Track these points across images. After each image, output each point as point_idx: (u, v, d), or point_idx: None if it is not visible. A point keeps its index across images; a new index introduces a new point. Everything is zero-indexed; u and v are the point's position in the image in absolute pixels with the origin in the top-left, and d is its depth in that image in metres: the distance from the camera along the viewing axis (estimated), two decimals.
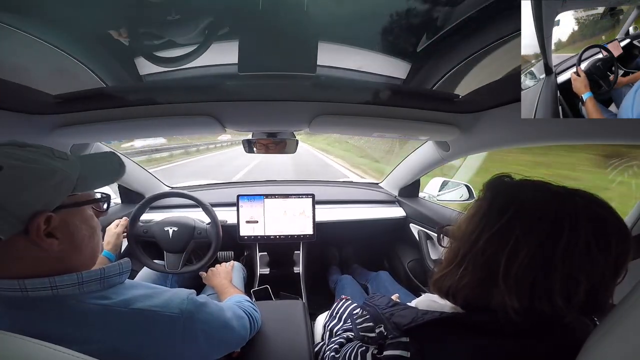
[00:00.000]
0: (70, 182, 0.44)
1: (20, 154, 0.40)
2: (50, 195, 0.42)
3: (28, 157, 0.41)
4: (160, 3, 0.54)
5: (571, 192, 0.39)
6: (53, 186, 0.42)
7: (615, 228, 0.36)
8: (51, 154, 0.44)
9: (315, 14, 0.56)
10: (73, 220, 0.46)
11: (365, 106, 0.82)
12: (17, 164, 0.39)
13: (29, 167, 0.40)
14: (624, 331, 0.33)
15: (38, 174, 0.41)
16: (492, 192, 0.43)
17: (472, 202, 0.44)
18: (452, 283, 0.43)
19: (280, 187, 1.80)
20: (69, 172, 0.45)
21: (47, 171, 0.42)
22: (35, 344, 0.34)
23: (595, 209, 0.36)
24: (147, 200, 1.16)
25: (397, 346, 0.43)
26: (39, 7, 0.55)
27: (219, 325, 0.56)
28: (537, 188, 0.40)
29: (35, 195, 0.40)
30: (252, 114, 0.86)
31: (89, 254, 0.49)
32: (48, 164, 0.42)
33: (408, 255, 1.58)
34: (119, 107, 0.79)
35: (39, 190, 0.41)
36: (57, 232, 0.43)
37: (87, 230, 0.48)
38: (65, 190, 0.44)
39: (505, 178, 0.44)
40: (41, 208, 0.41)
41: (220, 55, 0.68)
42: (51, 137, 0.83)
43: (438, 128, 0.90)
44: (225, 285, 0.97)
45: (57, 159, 0.44)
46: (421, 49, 0.65)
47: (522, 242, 0.36)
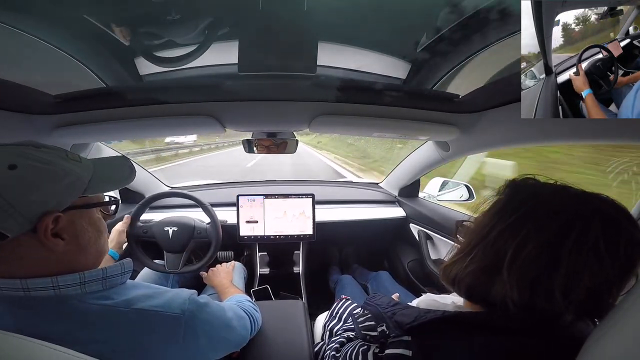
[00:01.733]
0: (81, 184, 0.45)
1: (35, 154, 0.41)
2: (61, 196, 0.43)
3: (42, 158, 0.42)
4: (160, 3, 0.54)
5: (589, 195, 0.39)
6: (64, 187, 0.43)
7: (627, 232, 0.36)
8: (65, 155, 0.45)
9: (315, 14, 0.56)
10: (80, 222, 0.47)
11: (365, 106, 0.82)
12: (31, 164, 0.40)
13: (42, 167, 0.41)
14: (624, 331, 0.33)
15: (51, 175, 0.41)
16: (512, 190, 0.43)
17: (491, 198, 0.45)
18: (458, 271, 0.43)
19: (280, 187, 1.80)
20: (81, 174, 0.46)
21: (60, 172, 0.42)
22: (36, 344, 0.34)
23: (610, 211, 0.36)
24: (147, 200, 1.16)
25: (398, 345, 0.43)
26: (39, 7, 0.55)
27: (220, 326, 0.56)
28: (556, 189, 0.41)
29: (46, 196, 0.41)
30: (252, 114, 0.86)
31: (94, 256, 0.49)
32: (61, 165, 0.43)
33: (408, 255, 1.58)
34: (119, 107, 0.79)
35: (50, 191, 0.41)
36: (64, 233, 0.43)
37: (93, 233, 0.49)
38: (76, 192, 0.45)
39: (529, 180, 0.44)
40: (51, 208, 0.41)
41: (220, 55, 0.68)
42: (51, 137, 0.83)
43: (438, 128, 0.90)
44: (226, 285, 0.97)
45: (70, 161, 0.45)
46: (421, 49, 0.65)
47: (532, 236, 0.37)
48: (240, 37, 0.63)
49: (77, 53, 0.67)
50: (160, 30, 0.61)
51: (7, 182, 0.38)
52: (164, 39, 0.63)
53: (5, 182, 0.38)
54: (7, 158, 0.39)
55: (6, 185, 0.38)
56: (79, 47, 0.66)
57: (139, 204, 1.15)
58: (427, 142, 1.28)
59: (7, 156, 0.40)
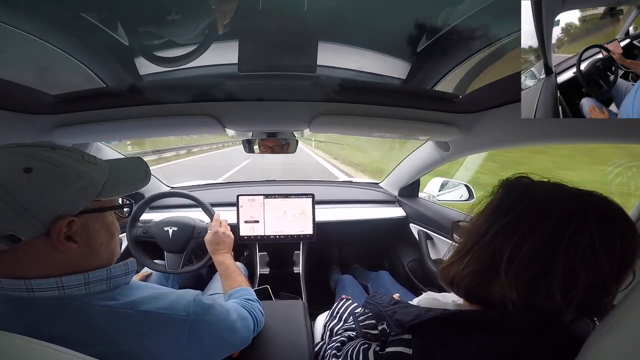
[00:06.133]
0: (95, 187, 0.44)
1: (50, 156, 0.40)
2: (75, 200, 0.42)
3: (57, 160, 0.41)
4: (161, 3, 0.54)
5: (583, 192, 0.39)
6: (78, 190, 0.42)
7: (623, 229, 0.36)
8: (80, 157, 0.44)
9: (315, 14, 0.56)
10: (94, 225, 0.46)
11: (365, 106, 0.81)
12: (46, 167, 0.39)
13: (56, 170, 0.40)
14: (624, 331, 0.33)
15: (65, 178, 0.41)
16: (506, 189, 0.43)
17: (487, 199, 0.45)
18: (456, 272, 0.43)
19: (280, 187, 1.79)
20: (96, 177, 0.45)
21: (74, 175, 0.42)
22: (40, 345, 0.34)
23: (604, 208, 0.36)
24: (147, 200, 1.16)
25: (399, 343, 0.43)
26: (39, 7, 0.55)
27: (223, 328, 0.56)
28: (550, 187, 0.41)
29: (60, 199, 0.40)
30: (252, 114, 0.86)
31: (105, 258, 0.49)
32: (76, 168, 0.42)
33: (408, 255, 1.58)
34: (119, 107, 0.79)
35: (64, 194, 0.41)
36: (77, 236, 0.43)
37: (106, 236, 0.48)
38: (90, 196, 0.44)
39: (523, 178, 0.44)
40: (65, 212, 0.41)
41: (221, 55, 0.68)
42: (51, 137, 0.83)
43: (438, 128, 0.90)
44: (231, 267, 0.90)
45: (85, 163, 0.44)
46: (421, 49, 0.65)
47: (527, 237, 0.37)
48: (240, 37, 0.63)
49: (77, 53, 0.67)
50: (160, 30, 0.61)
51: (23, 186, 0.37)
52: (164, 39, 0.63)
53: (20, 185, 0.37)
54: (23, 160, 0.39)
55: (22, 188, 0.37)
56: (79, 47, 0.66)
57: (139, 204, 1.14)
58: (427, 142, 1.28)
59: (23, 159, 0.39)
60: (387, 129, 0.90)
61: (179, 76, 0.76)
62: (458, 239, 0.47)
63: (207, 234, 1.00)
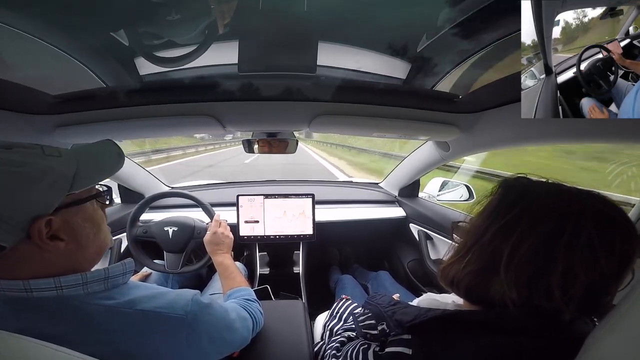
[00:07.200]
0: (65, 180, 0.42)
1: (6, 157, 0.38)
2: (46, 197, 0.40)
3: (18, 161, 0.38)
4: (161, 3, 0.54)
5: (581, 192, 0.39)
6: (46, 187, 0.40)
7: (622, 228, 0.36)
8: (41, 152, 0.41)
9: (315, 14, 0.56)
10: (76, 220, 0.45)
11: (365, 106, 0.82)
12: (5, 170, 0.37)
13: (17, 171, 0.38)
14: (624, 330, 0.33)
15: (30, 177, 0.38)
16: (504, 189, 0.44)
17: (486, 199, 0.45)
18: (456, 272, 0.44)
19: (280, 187, 1.80)
20: (63, 170, 0.42)
21: (38, 173, 0.39)
22: (39, 344, 0.34)
23: (603, 207, 0.37)
24: (147, 200, 1.16)
25: (399, 343, 0.43)
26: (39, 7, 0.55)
27: (222, 327, 0.56)
28: (548, 187, 0.41)
29: (29, 200, 0.39)
30: (252, 114, 0.86)
31: (95, 251, 0.49)
32: (39, 164, 0.40)
33: (408, 255, 1.58)
34: (119, 107, 0.79)
35: (32, 194, 0.39)
36: (61, 234, 0.42)
37: (91, 228, 0.47)
38: (62, 190, 0.42)
39: (521, 179, 0.44)
40: (39, 212, 0.39)
41: (221, 55, 0.68)
42: (51, 137, 0.83)
43: (438, 128, 0.90)
44: (231, 268, 0.90)
45: (48, 157, 0.41)
46: (421, 49, 0.66)
47: (526, 236, 0.37)
48: (240, 37, 0.63)
49: (77, 53, 0.67)
50: (160, 30, 0.61)
51: None
52: (164, 39, 0.63)
53: None
54: None
55: None
56: (79, 47, 0.66)
57: (139, 204, 1.14)
58: (427, 142, 1.28)
59: None
60: (387, 129, 0.91)
61: (179, 76, 0.76)
62: (458, 239, 0.47)
63: (206, 234, 1.00)
